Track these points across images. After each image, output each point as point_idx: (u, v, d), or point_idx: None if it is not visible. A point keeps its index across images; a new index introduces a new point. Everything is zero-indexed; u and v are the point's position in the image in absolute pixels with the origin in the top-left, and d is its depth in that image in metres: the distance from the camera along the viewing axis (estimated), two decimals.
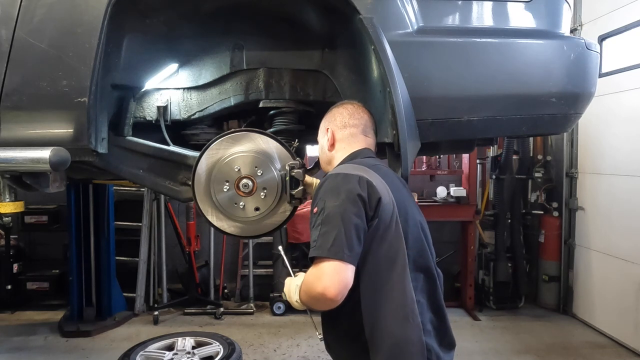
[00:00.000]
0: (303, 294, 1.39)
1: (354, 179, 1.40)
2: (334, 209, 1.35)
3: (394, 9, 1.73)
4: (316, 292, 1.29)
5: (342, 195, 1.37)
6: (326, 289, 1.27)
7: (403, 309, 1.39)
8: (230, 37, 2.06)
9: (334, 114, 1.69)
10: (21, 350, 3.97)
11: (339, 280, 1.28)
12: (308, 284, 1.35)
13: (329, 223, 1.33)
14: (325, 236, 1.31)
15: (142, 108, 2.16)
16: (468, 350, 4.04)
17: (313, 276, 1.32)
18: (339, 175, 1.44)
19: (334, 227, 1.32)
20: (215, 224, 1.90)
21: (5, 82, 1.65)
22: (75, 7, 1.66)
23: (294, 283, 1.49)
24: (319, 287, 1.28)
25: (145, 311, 4.83)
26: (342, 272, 1.29)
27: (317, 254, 1.31)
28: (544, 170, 5.16)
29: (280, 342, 4.18)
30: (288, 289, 1.52)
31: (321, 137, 1.72)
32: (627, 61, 4.04)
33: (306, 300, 1.40)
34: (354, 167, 1.47)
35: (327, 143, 1.67)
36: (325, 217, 1.35)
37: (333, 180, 1.43)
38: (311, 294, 1.33)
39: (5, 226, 4.77)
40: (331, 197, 1.38)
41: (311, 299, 1.35)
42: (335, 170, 1.49)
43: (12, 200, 1.84)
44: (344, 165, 1.53)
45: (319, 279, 1.29)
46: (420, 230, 1.51)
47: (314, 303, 1.36)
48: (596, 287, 4.54)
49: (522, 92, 1.83)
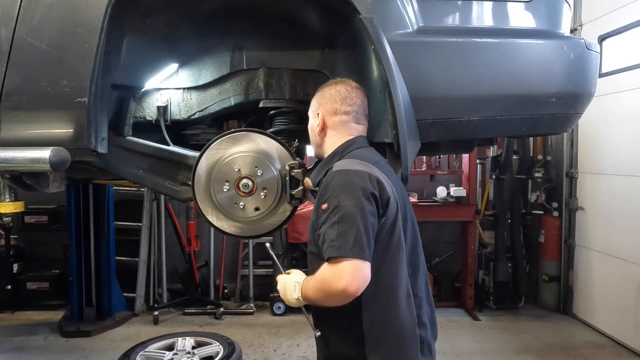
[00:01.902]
0: (316, 291, 1.39)
1: (366, 176, 1.40)
2: (351, 208, 1.35)
3: (394, 9, 1.73)
4: (336, 289, 1.31)
5: (357, 193, 1.37)
6: (348, 286, 1.30)
7: (402, 303, 1.44)
8: (230, 37, 2.06)
9: (326, 96, 1.64)
10: (21, 350, 3.97)
11: (360, 278, 1.31)
12: (326, 281, 1.35)
13: (347, 222, 1.33)
14: (345, 235, 1.32)
15: (142, 108, 2.16)
16: (468, 350, 4.04)
17: (332, 274, 1.33)
18: (349, 172, 1.42)
19: (353, 226, 1.33)
20: (215, 224, 1.90)
21: (5, 82, 1.65)
22: (75, 7, 1.66)
23: (292, 280, 1.49)
24: (340, 284, 1.30)
25: (145, 311, 4.83)
26: (363, 270, 1.32)
27: (339, 253, 1.31)
28: (544, 170, 5.16)
29: (280, 342, 4.18)
30: (283, 286, 1.52)
31: (312, 117, 1.67)
32: (627, 61, 4.03)
33: (319, 297, 1.40)
34: (361, 164, 1.46)
35: (317, 126, 1.63)
36: (342, 215, 1.34)
37: (345, 177, 1.42)
38: (329, 290, 1.34)
39: (5, 226, 4.78)
40: (346, 194, 1.37)
41: (327, 295, 1.36)
42: (342, 166, 1.47)
43: (12, 200, 1.85)
44: (349, 161, 1.49)
45: (340, 277, 1.30)
46: (415, 228, 1.56)
47: (328, 300, 1.38)
48: (596, 287, 4.54)
49: (522, 92, 1.83)
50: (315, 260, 1.49)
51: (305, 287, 1.45)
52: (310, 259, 1.55)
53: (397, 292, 1.43)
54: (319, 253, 1.46)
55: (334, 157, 1.57)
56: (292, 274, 1.54)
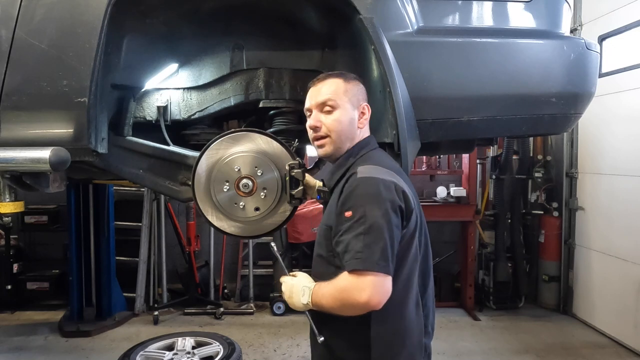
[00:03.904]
0: (332, 300, 1.36)
1: (392, 187, 1.38)
2: (379, 220, 1.32)
3: (394, 9, 1.73)
4: (358, 302, 1.29)
5: (385, 204, 1.34)
6: (371, 299, 1.29)
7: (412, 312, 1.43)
8: (230, 37, 2.06)
9: (363, 89, 1.57)
10: (21, 350, 3.97)
11: (383, 292, 1.31)
12: (347, 291, 1.32)
13: (374, 234, 1.31)
14: (371, 248, 1.30)
15: (142, 108, 2.16)
16: (468, 350, 4.04)
17: (354, 286, 1.30)
18: (376, 181, 1.38)
19: (380, 239, 1.30)
20: (215, 224, 1.90)
21: (5, 82, 1.65)
22: (75, 7, 1.66)
23: (300, 284, 1.44)
24: (363, 297, 1.28)
25: (145, 311, 4.82)
26: (386, 284, 1.31)
27: (365, 266, 1.29)
28: (544, 170, 5.16)
29: (280, 342, 4.17)
30: (290, 289, 1.46)
31: (349, 109, 1.52)
32: (627, 61, 4.03)
33: (334, 306, 1.36)
34: (386, 172, 1.42)
35: (359, 118, 1.53)
36: (369, 227, 1.31)
37: (372, 186, 1.37)
38: (348, 301, 1.31)
39: (5, 226, 4.78)
40: (373, 205, 1.34)
41: (345, 306, 1.33)
42: (368, 173, 1.40)
43: (12, 200, 1.84)
44: (374, 168, 1.43)
45: (362, 290, 1.29)
46: (427, 237, 1.53)
47: (345, 310, 1.35)
48: (596, 287, 4.54)
49: (522, 92, 1.83)
50: (323, 264, 1.47)
51: (318, 293, 1.40)
52: (316, 260, 1.52)
53: (408, 301, 1.43)
54: (328, 257, 1.44)
55: (349, 158, 1.52)
56: (298, 276, 1.50)
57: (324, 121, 1.51)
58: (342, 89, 1.51)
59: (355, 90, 1.53)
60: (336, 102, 1.50)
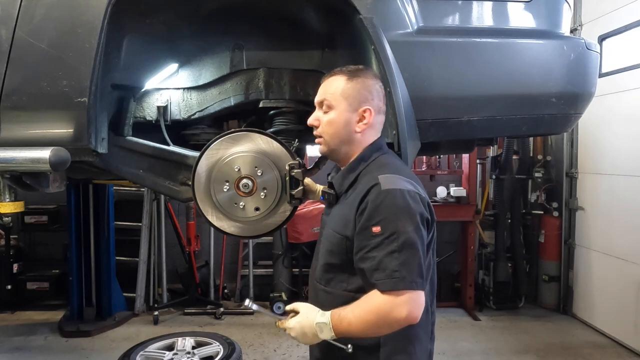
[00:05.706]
0: (366, 324, 1.30)
1: (418, 199, 1.36)
2: (412, 235, 1.29)
3: (394, 9, 1.73)
4: (397, 319, 1.28)
5: (415, 218, 1.32)
6: (410, 314, 1.28)
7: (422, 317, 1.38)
8: (230, 37, 2.06)
9: (372, 90, 1.47)
10: (21, 350, 3.97)
11: (420, 307, 1.31)
12: (384, 311, 1.28)
13: (408, 251, 1.28)
14: (408, 266, 1.28)
15: (142, 108, 2.16)
16: (468, 350, 4.04)
17: (392, 305, 1.28)
18: (402, 193, 1.33)
19: (415, 256, 1.29)
20: (215, 224, 1.89)
21: (5, 82, 1.65)
22: (75, 7, 1.66)
23: (311, 323, 1.35)
24: (402, 314, 1.27)
25: (145, 311, 4.83)
26: (422, 299, 1.31)
27: (404, 286, 1.27)
28: (544, 170, 5.17)
29: (280, 342, 4.17)
30: (302, 333, 1.37)
31: (348, 111, 1.45)
32: (627, 61, 4.04)
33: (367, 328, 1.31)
34: (407, 181, 1.38)
35: (356, 122, 1.45)
36: (402, 244, 1.28)
37: (400, 199, 1.32)
38: (387, 320, 1.29)
39: (5, 226, 4.78)
40: (404, 219, 1.30)
41: (382, 326, 1.31)
42: (391, 185, 1.34)
43: (12, 200, 1.84)
44: (394, 178, 1.37)
45: (401, 307, 1.27)
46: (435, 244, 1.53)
47: (381, 330, 1.32)
48: (596, 287, 4.54)
49: (522, 92, 1.83)
50: (335, 272, 1.44)
51: (343, 322, 1.32)
52: (325, 268, 1.48)
53: None
54: (342, 266, 1.42)
55: (360, 162, 1.47)
56: (301, 313, 1.40)
57: (322, 120, 1.49)
58: (341, 89, 1.45)
59: (357, 91, 1.45)
60: (332, 103, 1.46)
